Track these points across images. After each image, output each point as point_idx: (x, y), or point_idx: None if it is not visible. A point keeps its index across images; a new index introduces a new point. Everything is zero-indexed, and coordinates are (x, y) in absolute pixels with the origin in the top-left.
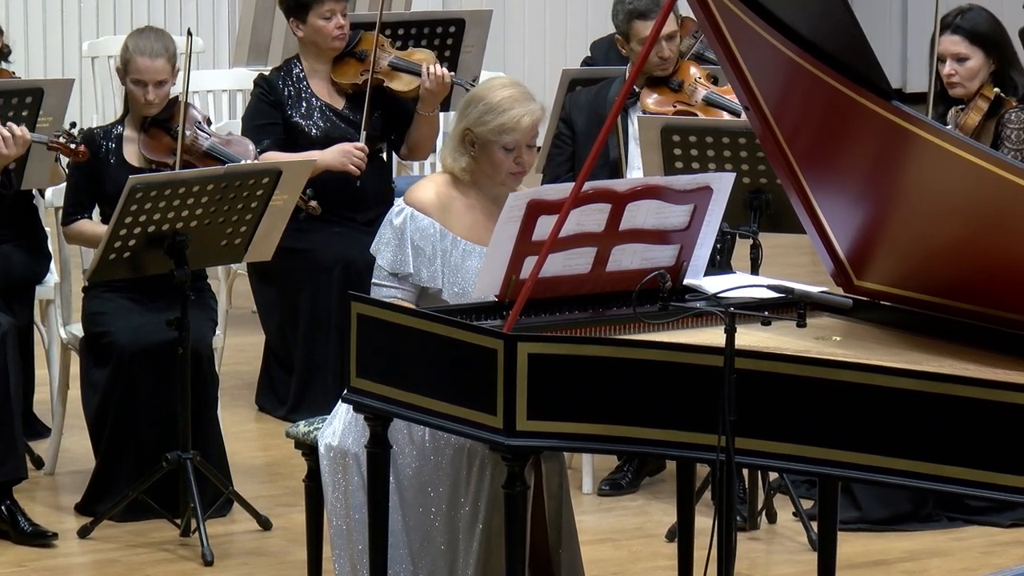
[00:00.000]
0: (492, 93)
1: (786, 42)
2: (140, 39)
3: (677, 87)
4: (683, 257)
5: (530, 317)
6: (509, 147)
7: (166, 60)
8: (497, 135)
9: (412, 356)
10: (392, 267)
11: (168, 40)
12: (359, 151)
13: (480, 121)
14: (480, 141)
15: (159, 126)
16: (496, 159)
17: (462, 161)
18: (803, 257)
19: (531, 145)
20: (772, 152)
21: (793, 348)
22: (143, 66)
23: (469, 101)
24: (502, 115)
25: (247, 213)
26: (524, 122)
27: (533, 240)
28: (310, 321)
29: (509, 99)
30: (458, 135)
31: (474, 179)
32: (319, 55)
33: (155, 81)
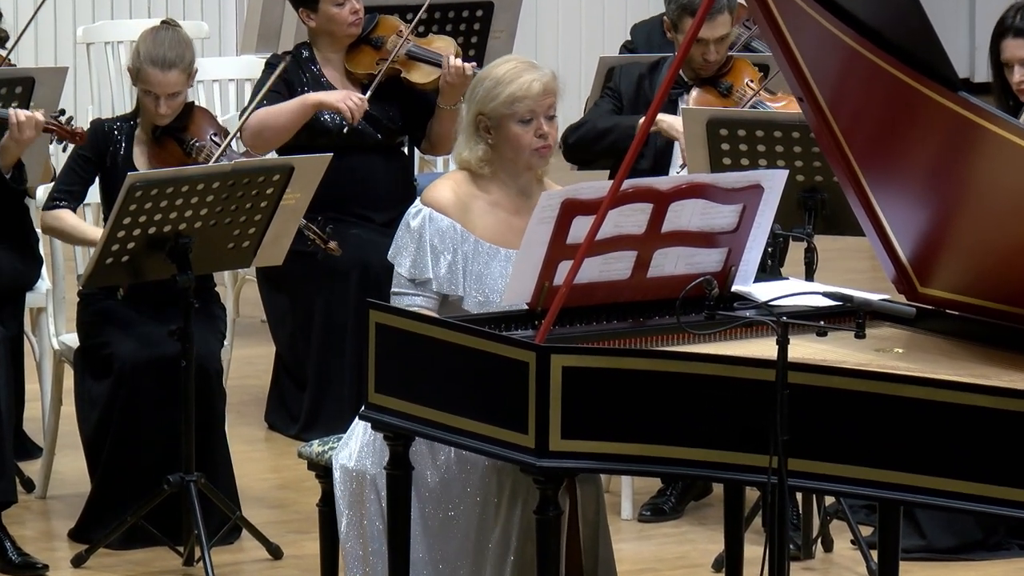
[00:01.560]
0: (495, 69)
1: (844, 28)
2: (154, 46)
3: (726, 91)
4: (731, 262)
5: (564, 327)
6: (525, 118)
7: (180, 71)
8: (509, 106)
9: (436, 370)
10: (411, 273)
11: (184, 47)
12: (359, 98)
13: (489, 98)
14: (494, 121)
15: (171, 135)
16: (515, 136)
17: (478, 150)
18: (862, 262)
19: (550, 116)
20: (828, 147)
21: (851, 361)
22: (154, 79)
23: (474, 84)
24: (510, 84)
25: (256, 213)
26: (535, 87)
27: (568, 243)
28: (324, 331)
29: (514, 70)
30: (470, 122)
31: (495, 169)
32: (333, 43)
33: (167, 94)
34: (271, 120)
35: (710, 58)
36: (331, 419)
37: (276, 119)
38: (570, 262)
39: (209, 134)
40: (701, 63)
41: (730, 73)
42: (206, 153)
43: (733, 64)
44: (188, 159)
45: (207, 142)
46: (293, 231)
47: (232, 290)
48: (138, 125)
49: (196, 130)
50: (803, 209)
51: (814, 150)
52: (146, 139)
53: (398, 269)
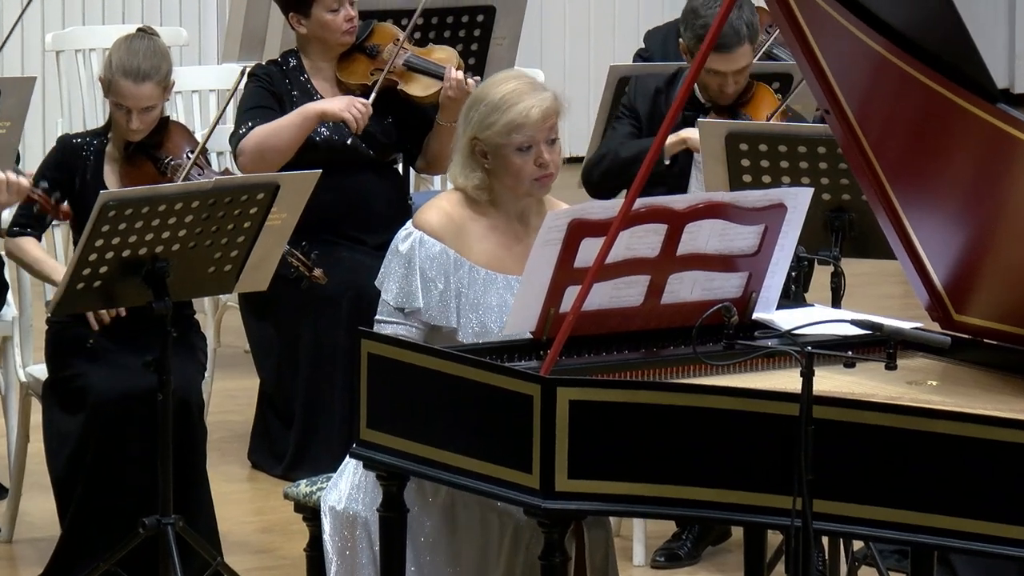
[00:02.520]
0: (492, 90)
1: (873, 34)
2: (127, 56)
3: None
4: (752, 287)
5: (572, 357)
6: (524, 147)
7: (155, 84)
8: (507, 135)
9: (433, 403)
10: (397, 301)
11: (160, 58)
12: (363, 105)
13: (485, 124)
14: (491, 148)
15: (144, 153)
16: (513, 165)
17: (475, 178)
18: (893, 287)
19: (552, 140)
20: (857, 163)
21: (881, 394)
22: (127, 91)
23: (469, 106)
24: (508, 111)
25: (239, 235)
26: (533, 114)
27: (575, 267)
28: (313, 362)
29: (513, 92)
30: (465, 147)
31: (493, 196)
32: (325, 52)
33: (140, 108)
34: (272, 139)
35: (728, 90)
36: (320, 457)
37: (277, 137)
38: (578, 287)
39: (186, 151)
40: (717, 95)
41: (750, 104)
42: (182, 171)
43: (755, 91)
44: (163, 178)
45: (184, 160)
46: (279, 254)
47: (213, 318)
48: (109, 141)
49: (172, 147)
50: (829, 230)
51: (841, 166)
52: (117, 156)
53: (384, 295)
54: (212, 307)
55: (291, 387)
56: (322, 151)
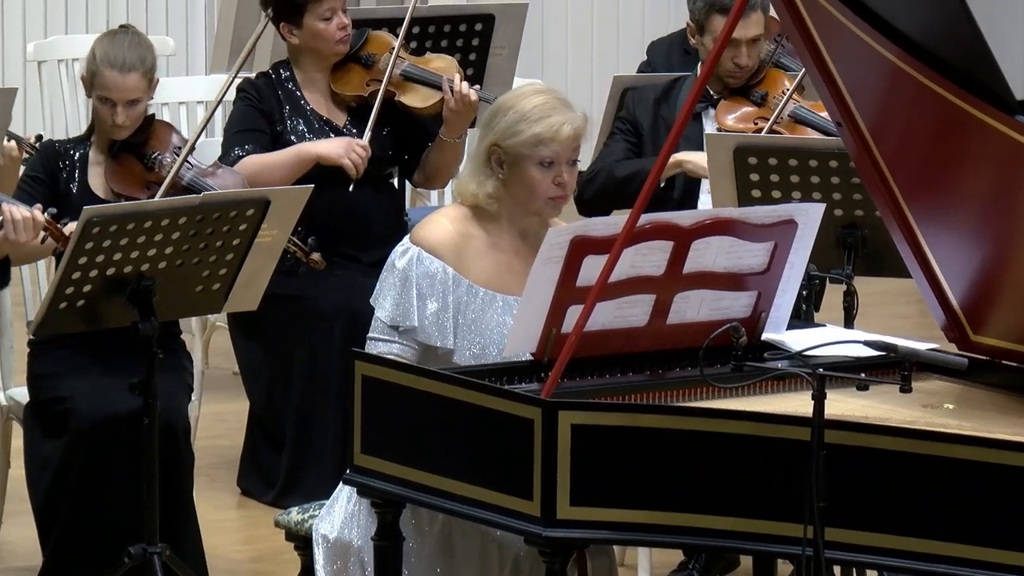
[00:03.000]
0: (522, 100)
1: (888, 44)
2: (111, 47)
3: (760, 100)
4: (761, 307)
5: (574, 380)
6: (547, 161)
7: (141, 75)
8: (532, 147)
9: (430, 428)
10: (392, 319)
11: (145, 49)
12: (362, 149)
13: (510, 132)
14: (511, 157)
15: (130, 151)
16: (531, 179)
17: (488, 185)
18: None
19: (573, 161)
20: (870, 178)
21: (896, 418)
22: (112, 82)
23: (495, 111)
24: (537, 123)
25: (228, 252)
26: (564, 131)
27: (578, 285)
28: (305, 384)
29: (544, 105)
30: (483, 153)
31: (502, 208)
32: (318, 62)
33: (126, 100)
34: (264, 175)
35: (741, 62)
36: (312, 484)
37: (269, 175)
38: (580, 307)
39: (172, 147)
40: (731, 69)
41: (763, 82)
42: (169, 167)
43: (766, 73)
44: (150, 174)
45: (169, 156)
46: (269, 272)
47: (201, 339)
48: (92, 145)
49: (157, 143)
50: (842, 247)
51: (854, 181)
52: (102, 159)
53: (378, 312)
54: (200, 327)
55: (282, 410)
56: (316, 165)
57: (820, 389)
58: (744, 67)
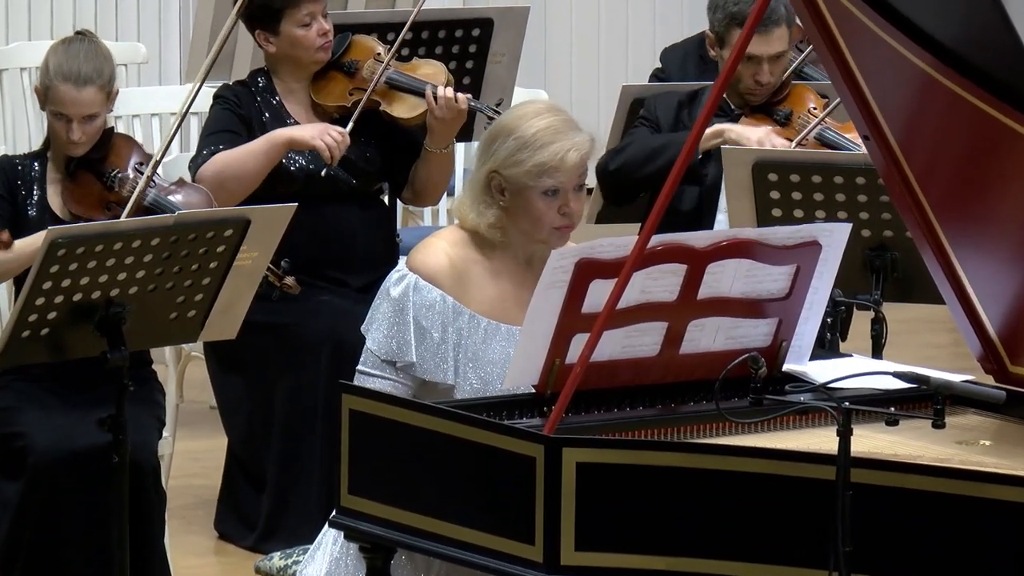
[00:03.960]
0: (524, 123)
1: (919, 51)
2: (66, 57)
3: (783, 119)
4: (782, 335)
5: (579, 415)
6: (551, 191)
7: (98, 89)
8: (536, 178)
9: (423, 467)
10: (387, 352)
11: (103, 60)
12: (338, 133)
13: (511, 161)
14: (512, 187)
15: (89, 169)
16: (535, 210)
17: (489, 215)
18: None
19: (580, 187)
20: (900, 196)
21: (928, 456)
22: (66, 97)
23: (494, 136)
24: (541, 151)
25: (204, 276)
26: (570, 159)
27: (583, 312)
28: (288, 419)
29: (548, 130)
30: (482, 181)
31: (506, 236)
32: (297, 71)
33: (82, 116)
34: (234, 166)
35: (762, 80)
36: (295, 526)
37: (241, 165)
38: (586, 335)
39: (132, 163)
40: (751, 86)
41: (788, 99)
42: (130, 186)
43: (791, 90)
44: (110, 194)
45: (131, 173)
46: (249, 298)
47: (175, 370)
48: (49, 162)
49: (117, 159)
50: (869, 271)
51: (883, 199)
52: (58, 177)
53: (369, 344)
54: (174, 358)
55: (263, 447)
56: (298, 182)
57: (846, 424)
58: (766, 85)
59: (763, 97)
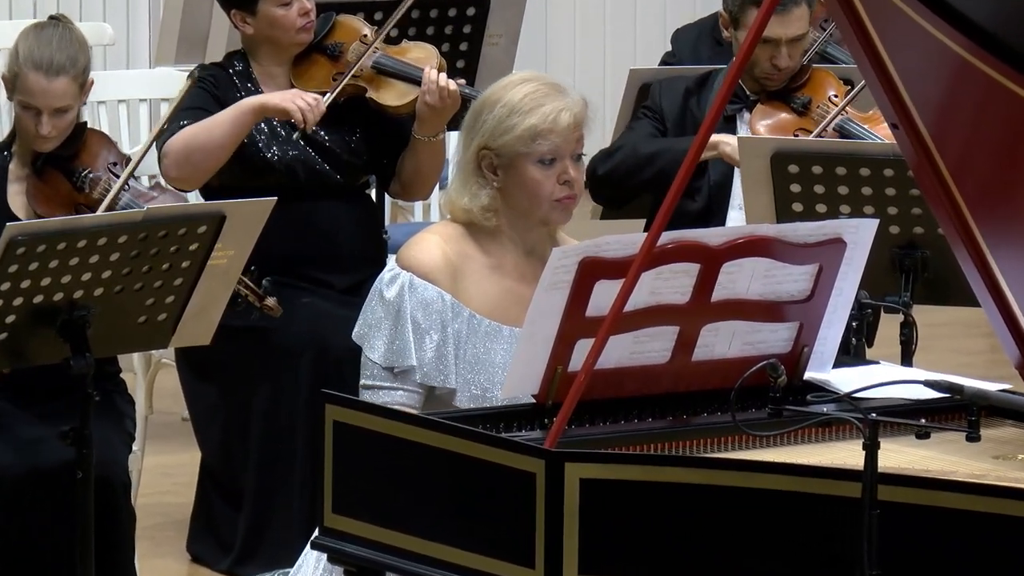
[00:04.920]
0: (509, 92)
1: (954, 33)
2: (37, 44)
3: (802, 108)
4: (804, 341)
5: (583, 427)
6: (547, 157)
7: (70, 80)
8: (528, 143)
9: (414, 483)
10: (387, 360)
11: (77, 48)
12: (312, 97)
13: (500, 130)
14: (504, 159)
15: (57, 167)
16: (532, 181)
17: (483, 197)
18: (976, 340)
19: (578, 156)
20: (931, 190)
21: (962, 471)
22: (36, 87)
23: (479, 109)
24: (531, 114)
25: (176, 277)
26: (563, 119)
27: (587, 316)
28: (267, 432)
29: (535, 93)
30: (470, 162)
31: (503, 222)
32: (277, 54)
33: (52, 108)
34: (201, 136)
35: (780, 64)
36: (274, 548)
37: (208, 135)
38: (591, 341)
39: (106, 163)
40: (768, 71)
41: (807, 85)
42: (102, 188)
43: (811, 75)
44: (79, 195)
45: (103, 173)
46: (224, 300)
47: (144, 378)
48: (13, 156)
49: (89, 158)
50: (898, 271)
51: (912, 193)
52: (24, 173)
53: (368, 354)
54: (143, 365)
55: (240, 462)
56: (278, 174)
57: (873, 437)
58: (783, 70)
59: (781, 82)
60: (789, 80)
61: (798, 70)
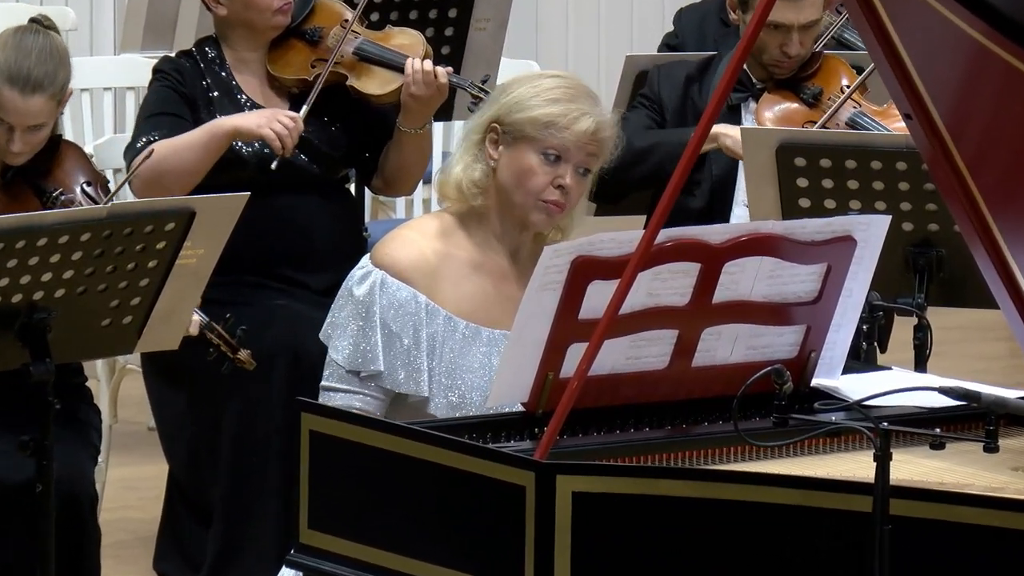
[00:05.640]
0: (543, 79)
1: (971, 17)
2: (15, 56)
3: (812, 98)
4: (811, 345)
5: (576, 437)
6: (552, 152)
7: (47, 97)
8: (540, 128)
9: (395, 497)
10: (352, 362)
11: (57, 62)
12: (289, 119)
13: (518, 107)
14: (510, 136)
15: (28, 182)
16: (527, 165)
17: (476, 170)
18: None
19: (584, 170)
20: (947, 184)
21: (979, 484)
22: (10, 104)
23: (509, 84)
24: (553, 104)
25: (142, 277)
26: (583, 123)
27: (581, 319)
28: (238, 443)
29: (569, 90)
30: (479, 129)
31: (488, 207)
32: (251, 39)
33: (26, 126)
34: (172, 160)
35: (791, 51)
36: (247, 566)
37: (178, 158)
38: (584, 345)
39: (80, 183)
40: (778, 58)
41: (819, 74)
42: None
43: (823, 63)
44: None
45: (76, 195)
46: (193, 302)
47: (108, 385)
48: None
49: (62, 176)
50: (912, 271)
51: (927, 187)
52: None
53: (333, 354)
54: (107, 372)
55: (210, 475)
56: (250, 167)
57: (884, 448)
58: (794, 57)
59: (790, 70)
60: (799, 68)
61: (809, 57)
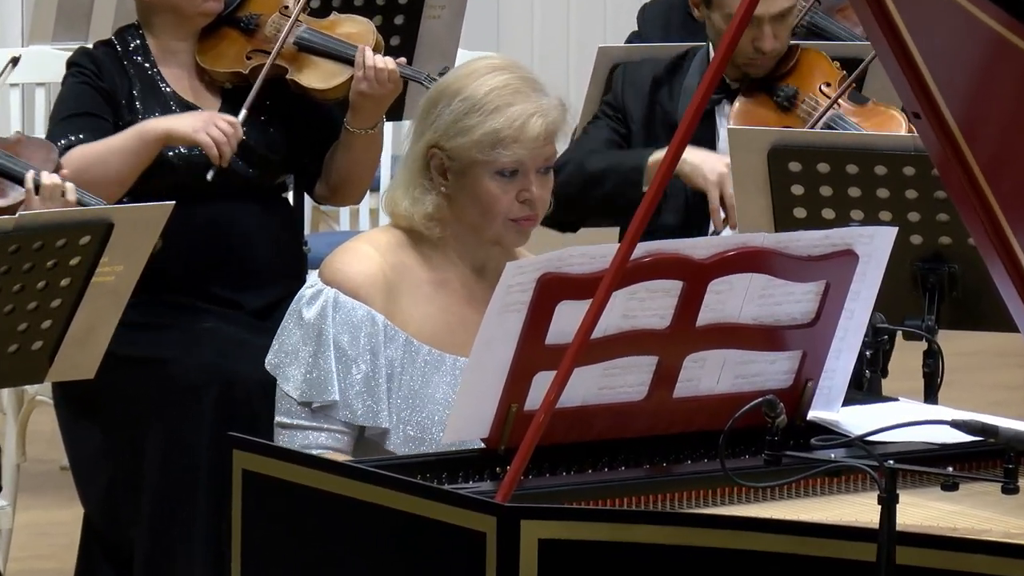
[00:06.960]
0: (473, 83)
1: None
2: None
3: (787, 101)
4: (808, 373)
5: (543, 477)
6: (508, 170)
7: None
8: (487, 150)
9: (339, 544)
10: (304, 393)
11: None
12: (227, 124)
13: (456, 129)
14: (457, 164)
15: None
16: (486, 194)
17: (427, 203)
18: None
19: (546, 169)
20: (960, 191)
21: (996, 530)
22: None
23: (435, 99)
24: (495, 115)
25: (53, 298)
26: (532, 127)
27: (548, 344)
28: (162, 483)
29: (505, 89)
30: (418, 158)
31: (448, 234)
32: (179, 27)
33: None
34: (97, 167)
35: (764, 47)
36: None
37: (103, 166)
38: (552, 374)
39: None
40: (751, 55)
41: (794, 73)
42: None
43: (799, 58)
44: None
45: None
46: (111, 326)
47: (15, 420)
48: None
49: None
50: (921, 289)
51: (938, 195)
52: None
53: (283, 386)
54: (14, 403)
55: (130, 519)
56: (178, 172)
57: (890, 489)
58: (768, 53)
59: (766, 68)
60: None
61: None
